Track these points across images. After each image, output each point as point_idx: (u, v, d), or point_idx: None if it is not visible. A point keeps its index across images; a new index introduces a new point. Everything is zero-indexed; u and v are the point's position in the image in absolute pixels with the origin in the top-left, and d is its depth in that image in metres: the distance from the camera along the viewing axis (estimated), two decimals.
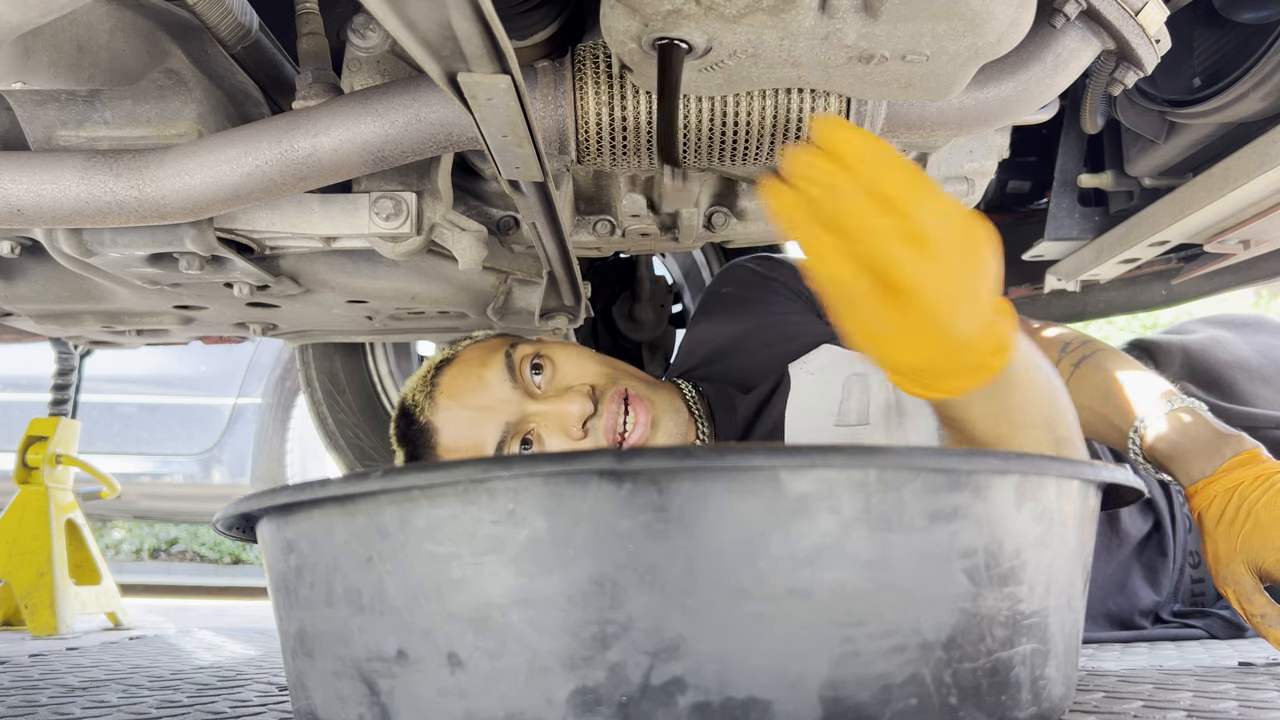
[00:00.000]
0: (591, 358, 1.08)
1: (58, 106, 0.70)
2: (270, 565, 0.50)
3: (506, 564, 0.39)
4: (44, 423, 1.72)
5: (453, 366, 1.05)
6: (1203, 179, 1.00)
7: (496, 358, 1.03)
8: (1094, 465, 0.47)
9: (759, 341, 1.25)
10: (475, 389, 1.01)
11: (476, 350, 1.06)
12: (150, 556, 5.40)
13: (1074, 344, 1.09)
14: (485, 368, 1.02)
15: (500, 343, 1.07)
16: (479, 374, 1.02)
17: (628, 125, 0.64)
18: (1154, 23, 0.63)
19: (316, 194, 0.81)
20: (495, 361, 1.02)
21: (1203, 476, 0.90)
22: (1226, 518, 0.87)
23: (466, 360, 1.05)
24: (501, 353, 1.03)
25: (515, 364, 1.02)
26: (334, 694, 0.46)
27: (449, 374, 1.04)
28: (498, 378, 1.01)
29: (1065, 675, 0.48)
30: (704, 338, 1.33)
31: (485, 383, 1.01)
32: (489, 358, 1.03)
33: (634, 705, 0.38)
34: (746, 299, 1.32)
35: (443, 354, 1.09)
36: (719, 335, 1.31)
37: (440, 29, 0.49)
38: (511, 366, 1.02)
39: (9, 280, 1.01)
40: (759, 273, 1.34)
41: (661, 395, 1.08)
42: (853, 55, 0.56)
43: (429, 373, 1.06)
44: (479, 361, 1.04)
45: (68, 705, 0.79)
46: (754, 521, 0.39)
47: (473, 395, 1.01)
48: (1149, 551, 1.18)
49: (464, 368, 1.04)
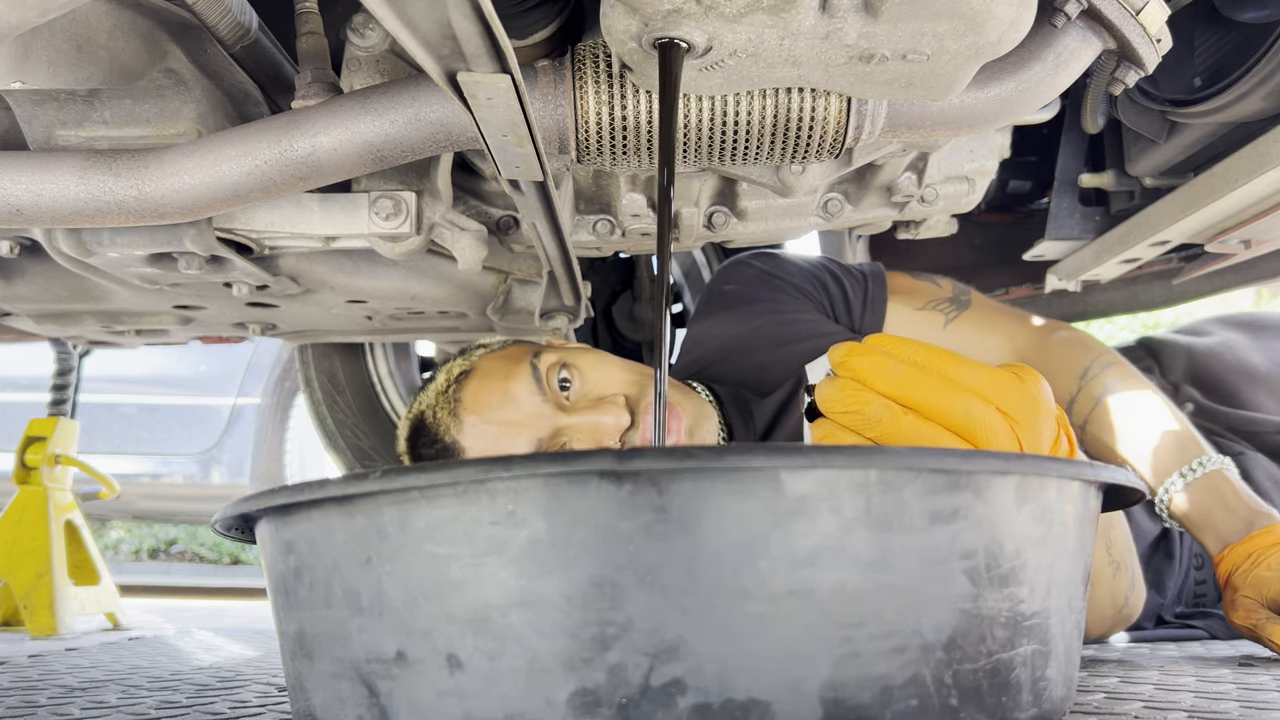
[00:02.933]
0: (618, 364, 1.04)
1: (56, 106, 0.70)
2: (269, 566, 0.50)
3: (506, 565, 0.39)
4: (43, 423, 1.72)
5: (473, 380, 0.99)
6: (1204, 179, 1.00)
7: (521, 369, 0.98)
8: (1094, 466, 0.47)
9: (768, 341, 1.23)
10: (502, 403, 0.96)
11: (497, 361, 1.01)
12: (149, 557, 5.40)
13: (1092, 370, 1.08)
14: (510, 380, 0.97)
15: (522, 352, 1.02)
16: (504, 387, 0.97)
17: (628, 125, 0.64)
18: (1155, 22, 0.63)
19: (316, 194, 0.81)
20: (520, 373, 0.97)
21: (1228, 545, 0.95)
22: (1243, 570, 0.92)
23: (488, 373, 0.99)
24: (526, 363, 0.98)
25: (542, 375, 0.97)
26: (333, 695, 0.46)
27: (471, 388, 0.98)
28: (525, 390, 0.96)
29: (1066, 676, 0.48)
30: (708, 335, 1.31)
31: (512, 396, 0.96)
32: (513, 369, 0.98)
33: (634, 706, 0.38)
34: (752, 297, 1.29)
35: (458, 366, 1.03)
36: (724, 333, 1.29)
37: (440, 28, 0.49)
38: (538, 377, 0.97)
39: (8, 280, 1.01)
40: (764, 270, 1.32)
41: (691, 401, 1.05)
42: (853, 55, 0.56)
43: (448, 387, 1.00)
44: (502, 374, 0.98)
45: (67, 706, 0.79)
46: (754, 522, 0.38)
47: (500, 410, 0.96)
48: (1158, 556, 1.18)
49: (487, 381, 0.98)
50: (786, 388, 1.16)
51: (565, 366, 0.99)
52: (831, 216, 1.05)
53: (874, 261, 1.34)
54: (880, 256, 1.79)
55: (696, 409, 1.04)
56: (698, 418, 1.03)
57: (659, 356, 0.54)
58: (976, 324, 1.21)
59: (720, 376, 1.24)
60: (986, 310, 1.23)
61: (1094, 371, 1.09)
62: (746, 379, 1.20)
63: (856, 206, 1.04)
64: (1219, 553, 0.95)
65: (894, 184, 1.00)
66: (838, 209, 1.04)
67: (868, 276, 1.29)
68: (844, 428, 0.53)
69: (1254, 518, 0.95)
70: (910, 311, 1.23)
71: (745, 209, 0.99)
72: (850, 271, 1.31)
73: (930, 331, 1.21)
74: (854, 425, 0.52)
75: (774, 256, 1.36)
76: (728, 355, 1.26)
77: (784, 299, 1.28)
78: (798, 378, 1.16)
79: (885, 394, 0.52)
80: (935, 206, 1.04)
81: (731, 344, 1.27)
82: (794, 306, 1.27)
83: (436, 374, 1.05)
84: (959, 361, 0.53)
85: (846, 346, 0.53)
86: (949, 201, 1.04)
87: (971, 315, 1.22)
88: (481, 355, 1.04)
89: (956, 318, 1.21)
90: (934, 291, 1.25)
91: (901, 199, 1.02)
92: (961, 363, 0.53)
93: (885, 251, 1.79)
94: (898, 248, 1.76)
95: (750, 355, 1.23)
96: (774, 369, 1.19)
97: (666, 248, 0.57)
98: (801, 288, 1.29)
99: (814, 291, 1.29)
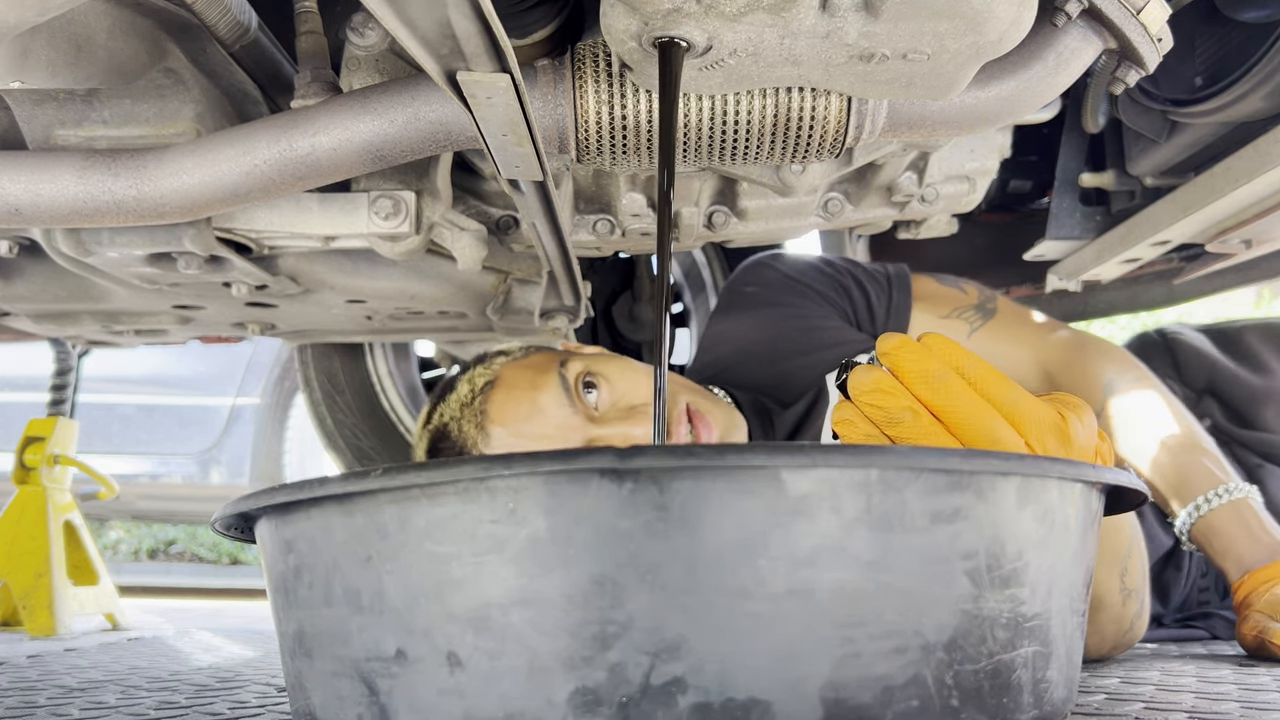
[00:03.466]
0: (644, 372, 1.02)
1: (55, 106, 0.70)
2: (268, 565, 0.50)
3: (506, 563, 0.39)
4: (42, 423, 1.72)
5: (499, 391, 0.96)
6: (1204, 178, 1.00)
7: (549, 379, 0.95)
8: (1096, 468, 0.47)
9: (791, 348, 1.20)
10: (530, 415, 0.93)
11: (522, 371, 0.98)
12: (148, 557, 5.40)
13: (1118, 385, 1.06)
14: (539, 391, 0.94)
15: (548, 361, 0.98)
16: (531, 399, 0.94)
17: (628, 124, 0.64)
18: (1156, 22, 0.63)
19: (315, 193, 0.81)
20: (549, 384, 0.94)
21: (1248, 571, 0.95)
22: (1259, 591, 0.92)
23: (514, 383, 0.96)
24: (554, 373, 0.95)
25: (570, 384, 0.95)
26: (333, 694, 0.45)
27: (497, 400, 0.95)
28: (554, 402, 0.93)
29: (1067, 678, 0.48)
30: (728, 336, 1.28)
31: (540, 408, 0.93)
32: (540, 379, 0.95)
33: (634, 705, 0.38)
34: (774, 301, 1.26)
35: (481, 376, 1.00)
36: (744, 337, 1.26)
37: (439, 27, 0.49)
38: (567, 387, 0.94)
39: (7, 280, 1.00)
40: (787, 274, 1.28)
41: (722, 411, 1.02)
42: (854, 54, 0.56)
43: (471, 399, 0.97)
44: (529, 384, 0.95)
45: (65, 706, 0.79)
46: (755, 521, 0.38)
47: (528, 423, 0.93)
48: (1169, 569, 1.19)
49: (514, 392, 0.95)
50: (808, 398, 1.14)
51: (591, 374, 0.96)
52: (832, 216, 1.05)
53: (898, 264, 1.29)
54: (880, 256, 1.79)
55: (727, 419, 1.02)
56: (728, 427, 1.00)
57: (659, 356, 0.54)
58: (1001, 334, 1.18)
59: (740, 380, 1.22)
60: (1012, 319, 1.20)
61: (1120, 387, 1.06)
62: (767, 385, 1.18)
63: (857, 206, 1.04)
64: (1239, 578, 0.95)
65: (894, 183, 1.00)
66: (838, 209, 1.04)
67: (891, 281, 1.25)
68: (864, 418, 0.52)
69: (1278, 547, 0.94)
70: (934, 319, 1.20)
71: (745, 209, 0.99)
72: (874, 276, 1.27)
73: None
74: (875, 418, 0.52)
75: (797, 259, 1.32)
76: (747, 359, 1.24)
77: (807, 304, 1.24)
78: (819, 389, 1.14)
79: (920, 396, 0.51)
80: (936, 206, 1.04)
81: (752, 348, 1.24)
82: (818, 313, 1.23)
83: (456, 383, 1.02)
84: (1006, 385, 0.51)
85: (899, 338, 0.52)
86: (949, 201, 1.04)
87: (996, 325, 1.18)
88: (505, 364, 1.00)
89: (981, 327, 1.18)
90: (959, 299, 1.21)
91: (902, 199, 1.02)
92: (1008, 387, 0.51)
93: (885, 251, 1.79)
94: (898, 247, 1.76)
95: (772, 362, 1.20)
96: (797, 377, 1.16)
97: (667, 248, 0.57)
98: (825, 293, 1.25)
99: (837, 298, 1.25)
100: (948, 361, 0.51)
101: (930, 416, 0.51)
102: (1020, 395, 0.51)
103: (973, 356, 0.52)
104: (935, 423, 0.51)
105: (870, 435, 0.52)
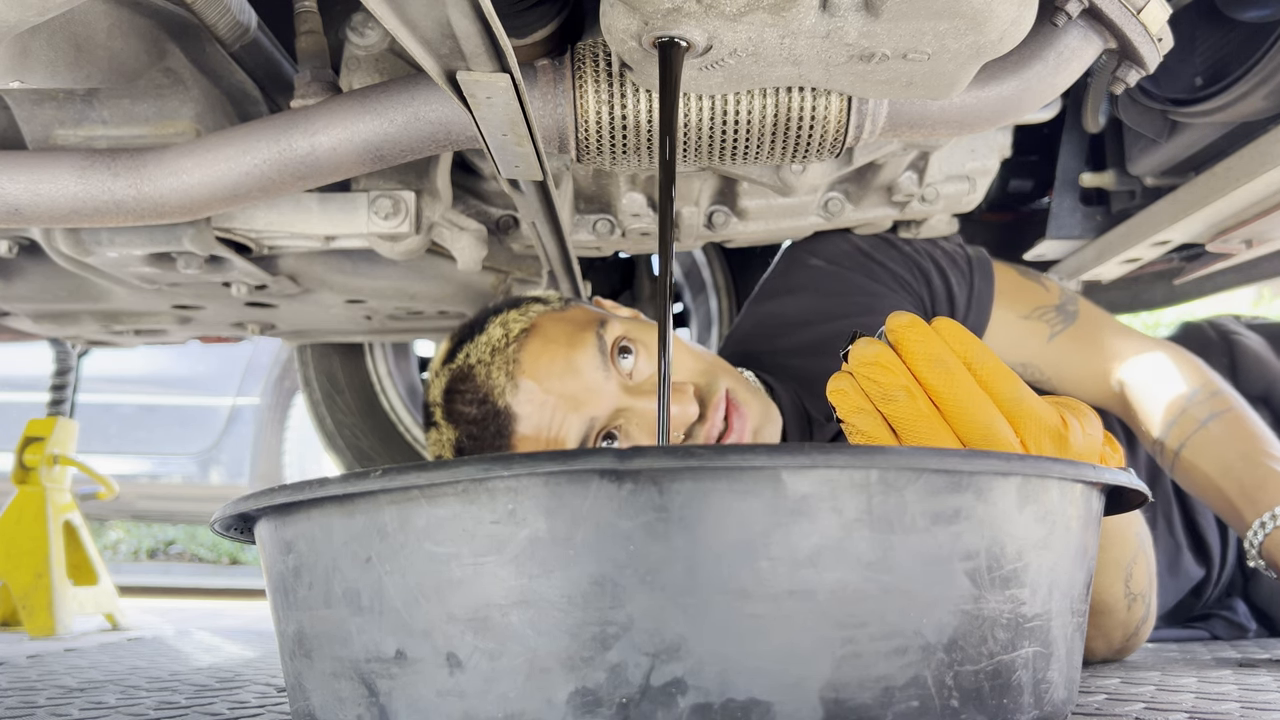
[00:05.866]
0: (685, 349, 0.95)
1: (55, 105, 0.70)
2: (268, 566, 0.49)
3: (506, 564, 0.39)
4: (41, 423, 1.72)
5: (534, 340, 0.88)
6: (1205, 178, 1.00)
7: (587, 338, 0.88)
8: (1097, 468, 0.47)
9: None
10: (564, 373, 0.86)
11: (560, 324, 0.90)
12: (148, 557, 5.40)
13: (1198, 395, 1.03)
14: (575, 349, 0.87)
15: (587, 317, 0.91)
16: (567, 355, 0.87)
17: (628, 124, 0.64)
18: (1156, 21, 0.63)
19: (315, 193, 0.81)
20: (586, 342, 0.87)
21: None
22: None
23: (551, 336, 0.89)
24: (592, 332, 0.88)
25: (608, 347, 0.88)
26: (332, 695, 0.45)
27: (531, 350, 0.88)
28: (590, 363, 0.86)
29: (1067, 678, 0.48)
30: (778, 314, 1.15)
31: (575, 368, 0.86)
32: (579, 336, 0.88)
33: (634, 706, 0.38)
34: (842, 277, 1.14)
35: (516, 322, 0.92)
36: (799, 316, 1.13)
37: (439, 27, 0.49)
38: (603, 349, 0.88)
39: (7, 280, 1.00)
40: (861, 250, 1.15)
41: (756, 400, 0.95)
42: (854, 53, 0.56)
43: (505, 343, 0.89)
44: (566, 339, 0.88)
45: (65, 706, 0.78)
46: (755, 522, 0.38)
47: (561, 380, 0.86)
48: (1188, 597, 1.18)
49: (550, 346, 0.88)
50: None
51: (629, 340, 0.90)
52: (832, 216, 1.05)
53: (975, 245, 1.18)
54: None
55: (763, 412, 0.95)
56: (763, 421, 0.94)
57: (660, 356, 0.54)
58: (1081, 342, 1.10)
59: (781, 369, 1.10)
60: (1093, 327, 1.12)
61: (1200, 397, 1.02)
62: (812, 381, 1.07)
63: (857, 206, 1.04)
64: None
65: (895, 183, 1.00)
66: (838, 208, 1.04)
67: (974, 267, 1.13)
68: (859, 390, 0.52)
69: None
70: (1016, 319, 1.11)
71: (746, 208, 0.99)
72: (954, 260, 1.14)
73: (1032, 344, 1.10)
74: (870, 392, 0.51)
75: (873, 237, 1.17)
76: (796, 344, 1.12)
77: (879, 286, 1.12)
78: None
79: (920, 378, 0.50)
80: (936, 206, 1.04)
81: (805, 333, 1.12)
82: (890, 299, 1.11)
83: (486, 324, 0.93)
84: (1011, 382, 0.51)
85: (910, 318, 0.51)
86: (950, 201, 1.04)
87: (1077, 331, 1.11)
88: (542, 313, 0.93)
89: (1061, 332, 1.10)
90: (1041, 296, 1.12)
91: (902, 198, 1.02)
92: (1013, 384, 0.51)
93: None
94: None
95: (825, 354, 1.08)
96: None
97: (668, 247, 0.56)
98: (900, 275, 1.13)
99: (914, 281, 1.13)
100: (957, 349, 0.51)
101: (926, 399, 0.51)
102: (1024, 394, 0.51)
103: (985, 349, 0.52)
104: (930, 406, 0.50)
105: (862, 408, 0.52)
